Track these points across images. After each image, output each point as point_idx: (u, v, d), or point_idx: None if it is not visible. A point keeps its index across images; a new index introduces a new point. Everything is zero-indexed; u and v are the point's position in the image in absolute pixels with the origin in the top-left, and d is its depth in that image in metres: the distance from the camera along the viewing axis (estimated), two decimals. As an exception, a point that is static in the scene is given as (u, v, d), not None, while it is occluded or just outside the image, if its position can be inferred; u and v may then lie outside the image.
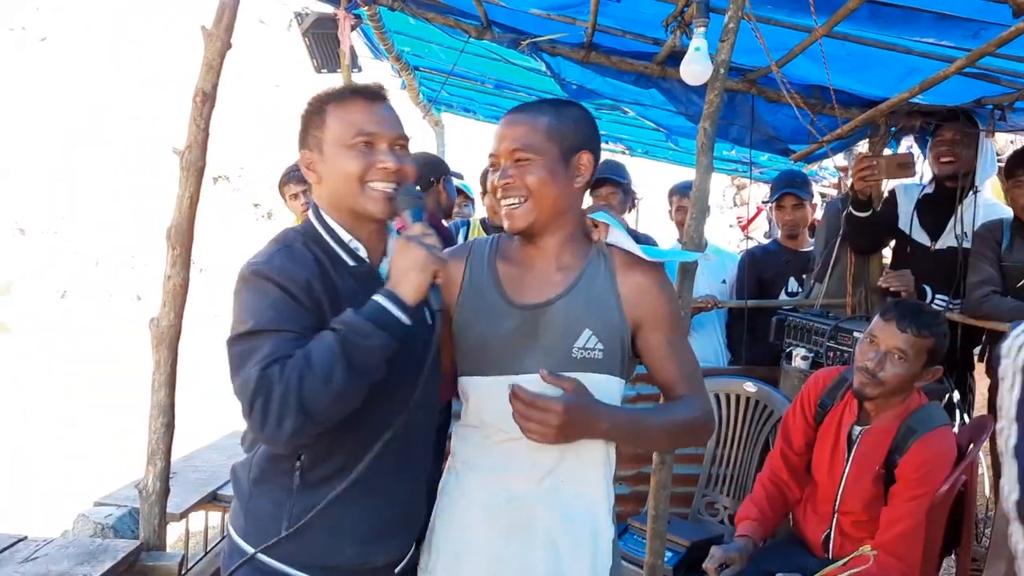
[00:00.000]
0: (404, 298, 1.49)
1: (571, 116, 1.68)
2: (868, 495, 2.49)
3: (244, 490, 1.68)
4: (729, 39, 2.18)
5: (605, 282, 1.66)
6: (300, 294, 1.53)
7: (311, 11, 4.09)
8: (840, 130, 3.52)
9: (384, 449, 1.61)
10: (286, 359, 1.45)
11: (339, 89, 1.70)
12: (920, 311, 2.52)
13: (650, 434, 1.66)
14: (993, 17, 2.47)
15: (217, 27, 2.17)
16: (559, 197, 1.64)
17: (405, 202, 1.62)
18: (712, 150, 2.22)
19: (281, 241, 1.64)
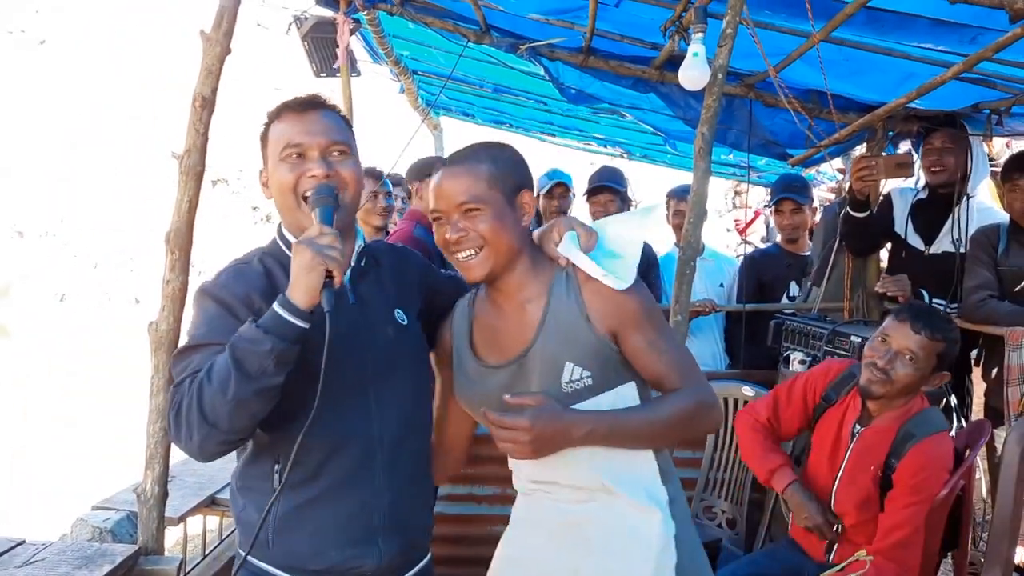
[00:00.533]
0: (295, 302, 1.47)
1: (507, 159, 1.69)
2: (862, 495, 2.48)
3: (237, 501, 1.72)
4: (727, 45, 2.19)
5: (571, 307, 1.65)
6: (238, 307, 1.58)
7: (310, 15, 4.10)
8: (838, 134, 3.54)
9: (361, 453, 1.64)
10: (198, 373, 1.51)
11: (278, 106, 1.73)
12: (934, 314, 2.52)
13: (640, 431, 1.65)
14: (990, 23, 2.48)
15: (216, 32, 2.18)
16: (512, 239, 1.65)
17: (316, 200, 1.61)
18: (710, 154, 2.22)
19: (238, 260, 1.72)
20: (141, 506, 2.28)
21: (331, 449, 1.62)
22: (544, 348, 1.64)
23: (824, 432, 2.66)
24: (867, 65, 3.24)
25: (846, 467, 2.55)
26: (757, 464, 2.74)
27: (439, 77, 5.40)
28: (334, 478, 1.63)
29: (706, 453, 3.53)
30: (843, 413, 2.63)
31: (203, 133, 2.20)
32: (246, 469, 1.70)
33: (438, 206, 1.65)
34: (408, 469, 1.74)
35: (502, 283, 1.69)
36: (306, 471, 1.61)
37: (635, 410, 1.67)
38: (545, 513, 1.74)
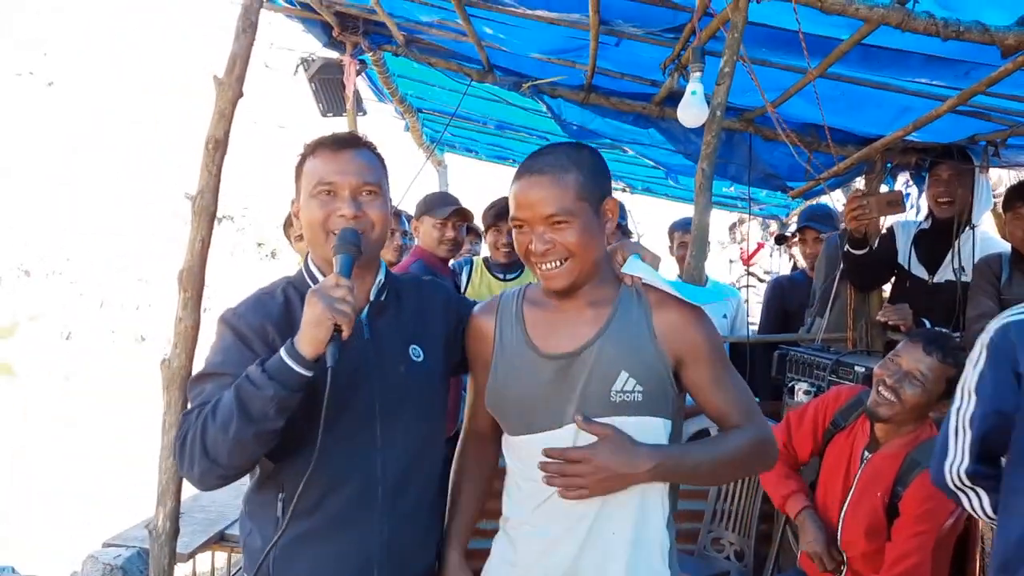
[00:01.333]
0: (301, 351, 1.49)
1: (593, 166, 1.64)
2: (869, 521, 2.49)
3: (245, 524, 1.75)
4: (725, 83, 2.24)
5: (639, 321, 1.64)
6: (252, 339, 1.62)
7: (317, 56, 4.19)
8: (836, 167, 3.59)
9: (361, 489, 1.66)
10: (206, 404, 1.55)
11: (314, 141, 1.76)
12: (948, 339, 2.53)
13: (701, 468, 1.63)
14: (982, 58, 2.54)
15: (229, 77, 2.23)
16: (597, 250, 1.63)
17: (338, 247, 1.62)
18: (710, 189, 2.27)
19: (262, 289, 1.76)
20: (153, 542, 2.29)
21: (332, 483, 1.64)
22: (603, 350, 1.62)
23: (833, 457, 2.68)
24: (864, 100, 3.30)
25: (854, 492, 2.56)
26: (772, 489, 2.77)
27: (443, 115, 5.50)
28: (334, 512, 1.66)
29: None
30: (852, 438, 2.65)
31: (215, 174, 2.24)
32: (253, 495, 1.74)
33: (521, 215, 1.61)
34: (410, 507, 1.74)
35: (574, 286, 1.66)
36: (307, 503, 1.63)
37: (700, 446, 1.68)
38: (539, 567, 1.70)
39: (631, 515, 1.65)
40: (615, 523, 1.65)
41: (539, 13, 2.95)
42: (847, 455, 2.63)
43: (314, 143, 1.75)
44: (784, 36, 2.69)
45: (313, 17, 3.83)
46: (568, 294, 1.66)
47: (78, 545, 4.03)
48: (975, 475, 1.84)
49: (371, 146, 1.78)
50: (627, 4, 2.76)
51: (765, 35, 2.78)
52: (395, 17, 3.64)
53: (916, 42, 2.58)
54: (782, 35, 2.72)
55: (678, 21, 2.86)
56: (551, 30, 3.16)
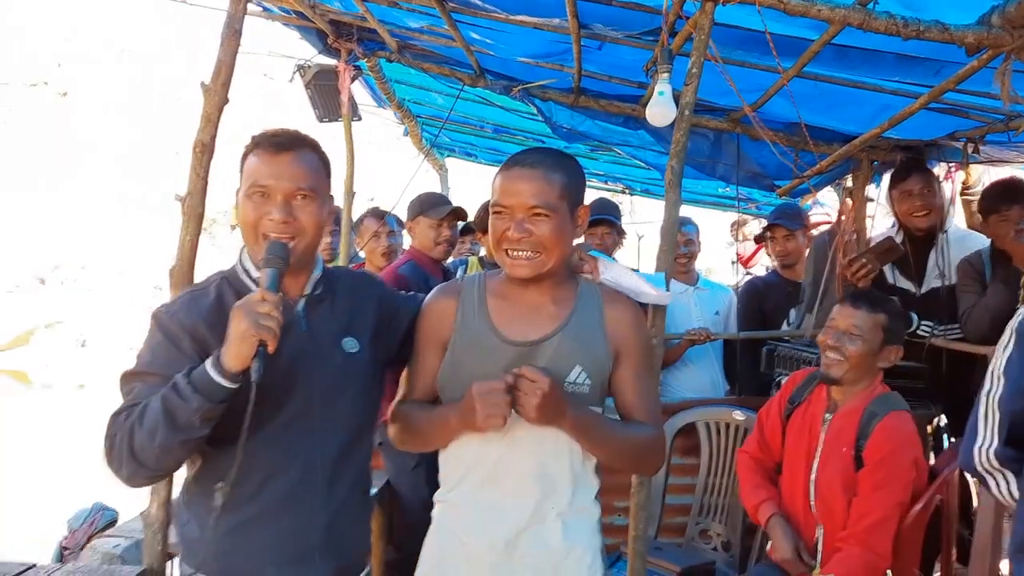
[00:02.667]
0: (225, 364, 1.52)
1: (577, 173, 1.79)
2: (842, 479, 2.59)
3: (182, 514, 1.79)
4: (692, 83, 2.32)
5: (594, 318, 1.77)
6: (183, 338, 1.64)
7: (313, 63, 4.28)
8: (819, 165, 3.65)
9: (300, 475, 1.71)
10: (135, 407, 1.58)
11: (257, 136, 1.77)
12: (871, 292, 2.79)
13: (609, 440, 1.74)
14: (951, 57, 2.60)
15: (215, 83, 2.33)
16: (567, 248, 1.75)
17: (264, 261, 1.64)
18: (680, 185, 2.34)
19: (195, 286, 1.79)
20: (146, 530, 2.38)
21: (271, 471, 1.69)
22: (562, 344, 1.74)
23: (795, 429, 2.79)
24: (844, 98, 3.36)
25: (821, 453, 2.67)
26: (746, 500, 2.91)
27: (440, 119, 5.58)
28: (273, 498, 1.70)
29: (700, 478, 3.60)
30: (810, 408, 2.78)
31: (203, 177, 2.34)
32: (191, 485, 1.77)
33: (506, 201, 1.70)
34: (346, 491, 1.81)
35: (537, 281, 1.77)
36: (246, 491, 1.68)
37: (613, 423, 1.78)
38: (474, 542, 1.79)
39: (567, 488, 1.78)
40: (556, 495, 1.76)
41: (520, 18, 3.03)
42: (807, 424, 2.76)
43: (255, 140, 1.76)
44: (759, 37, 2.75)
45: (308, 25, 3.93)
46: (530, 285, 1.77)
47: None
48: (1004, 458, 1.88)
49: (314, 146, 1.79)
50: (604, 8, 2.83)
51: (741, 37, 2.85)
52: (386, 24, 3.73)
53: (886, 42, 2.64)
54: (758, 36, 2.78)
55: (655, 24, 2.92)
56: (535, 34, 3.24)
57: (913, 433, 2.61)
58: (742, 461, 2.98)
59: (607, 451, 1.75)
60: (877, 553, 2.47)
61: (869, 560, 2.48)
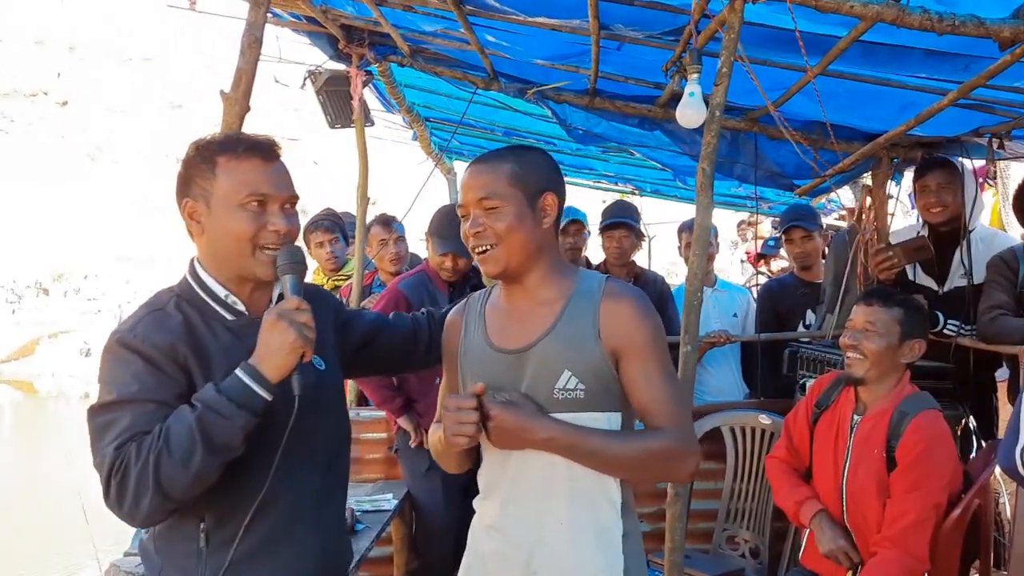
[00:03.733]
0: (267, 376, 1.47)
1: (532, 160, 1.71)
2: (876, 482, 2.53)
3: (154, 562, 1.63)
4: (723, 83, 2.27)
5: (586, 318, 1.66)
6: (164, 361, 1.52)
7: (324, 69, 4.24)
8: (841, 164, 3.60)
9: (289, 506, 1.62)
10: (143, 435, 1.44)
11: (232, 140, 1.65)
12: (883, 288, 2.80)
13: (598, 457, 1.63)
14: (981, 51, 2.55)
15: (235, 92, 2.29)
16: (528, 239, 1.66)
17: (284, 268, 1.58)
18: (711, 188, 2.30)
19: (151, 305, 1.63)
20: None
21: (260, 506, 1.56)
22: (547, 349, 1.65)
23: (823, 433, 2.75)
24: (867, 96, 3.31)
25: (852, 457, 2.62)
26: (784, 502, 2.83)
27: (450, 123, 5.54)
28: (263, 533, 1.59)
29: (726, 483, 3.55)
30: (838, 411, 2.74)
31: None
32: (163, 530, 1.61)
33: (462, 200, 1.69)
34: (334, 511, 1.76)
35: (521, 280, 1.71)
36: (233, 530, 1.56)
37: (604, 433, 1.64)
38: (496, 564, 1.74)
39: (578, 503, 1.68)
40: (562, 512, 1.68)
41: (540, 20, 2.99)
42: (836, 427, 2.71)
43: (235, 144, 1.63)
44: (784, 35, 2.71)
45: (319, 30, 3.89)
46: (513, 287, 1.73)
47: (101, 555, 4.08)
48: None
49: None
50: (626, 8, 2.79)
51: (765, 35, 2.81)
52: (399, 28, 3.69)
53: (914, 37, 2.60)
54: (782, 35, 2.74)
55: (677, 23, 2.88)
56: (552, 36, 3.19)
57: (946, 432, 2.56)
58: (773, 466, 2.93)
59: (602, 464, 1.64)
60: (914, 556, 2.42)
61: (907, 564, 2.43)
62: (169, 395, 1.50)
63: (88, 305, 22.45)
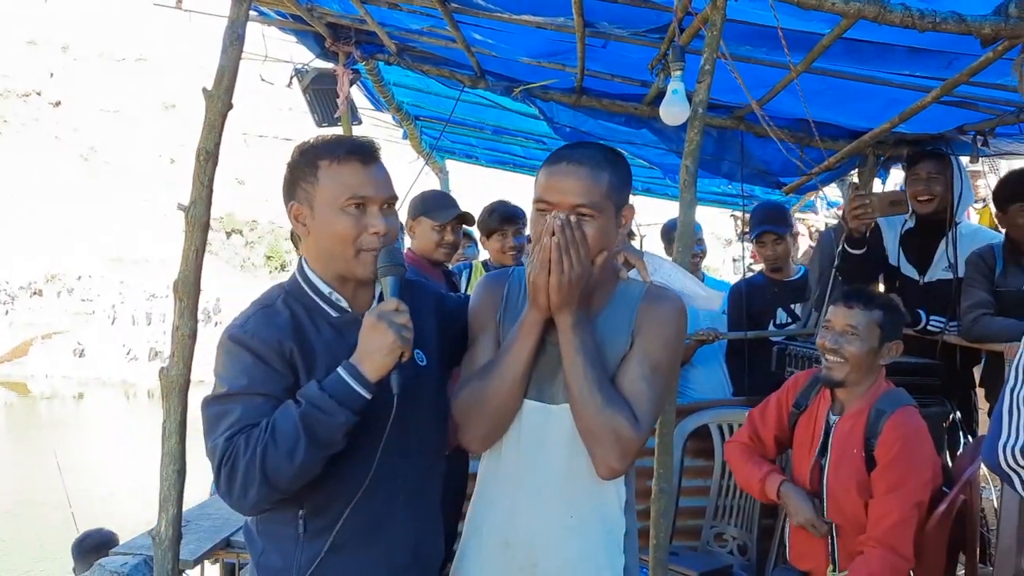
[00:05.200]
0: (367, 376, 1.51)
1: (625, 171, 1.70)
2: (856, 482, 2.53)
3: (256, 544, 1.71)
4: (705, 80, 2.28)
5: (624, 318, 1.69)
6: (272, 357, 1.58)
7: (311, 67, 4.23)
8: (827, 162, 3.61)
9: (385, 497, 1.66)
10: (252, 428, 1.52)
11: (333, 143, 1.68)
12: (863, 290, 2.71)
13: (588, 371, 1.63)
14: (964, 48, 2.56)
15: (217, 88, 2.29)
16: (611, 247, 1.68)
17: (384, 270, 1.62)
18: (695, 185, 2.30)
19: (261, 302, 1.69)
20: (156, 548, 2.34)
21: (355, 495, 1.61)
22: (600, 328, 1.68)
23: (802, 434, 2.74)
24: (851, 94, 3.33)
25: (831, 456, 2.61)
26: (747, 478, 2.83)
27: (440, 121, 5.54)
28: (358, 524, 1.63)
29: (714, 481, 3.56)
30: (816, 412, 2.72)
31: (207, 185, 2.30)
32: (267, 513, 1.67)
33: (549, 198, 1.63)
34: (427, 507, 1.77)
35: None
36: (330, 519, 1.62)
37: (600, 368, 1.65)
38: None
39: (589, 503, 1.69)
40: (573, 509, 1.69)
41: (525, 18, 2.99)
42: (814, 427, 2.70)
43: (336, 147, 1.67)
44: (768, 33, 2.72)
45: (305, 29, 3.88)
46: None
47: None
48: None
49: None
50: (611, 6, 2.80)
51: (749, 32, 2.82)
52: (385, 26, 3.69)
53: (897, 35, 2.61)
54: (766, 32, 2.75)
55: (662, 21, 2.89)
56: (538, 34, 3.20)
57: (923, 427, 2.57)
58: (732, 449, 2.91)
59: (579, 381, 1.63)
60: (899, 554, 2.43)
61: (892, 562, 2.43)
62: (277, 388, 1.57)
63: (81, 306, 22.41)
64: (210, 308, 20.94)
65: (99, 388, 19.50)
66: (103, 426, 14.58)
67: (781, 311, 4.26)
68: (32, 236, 22.49)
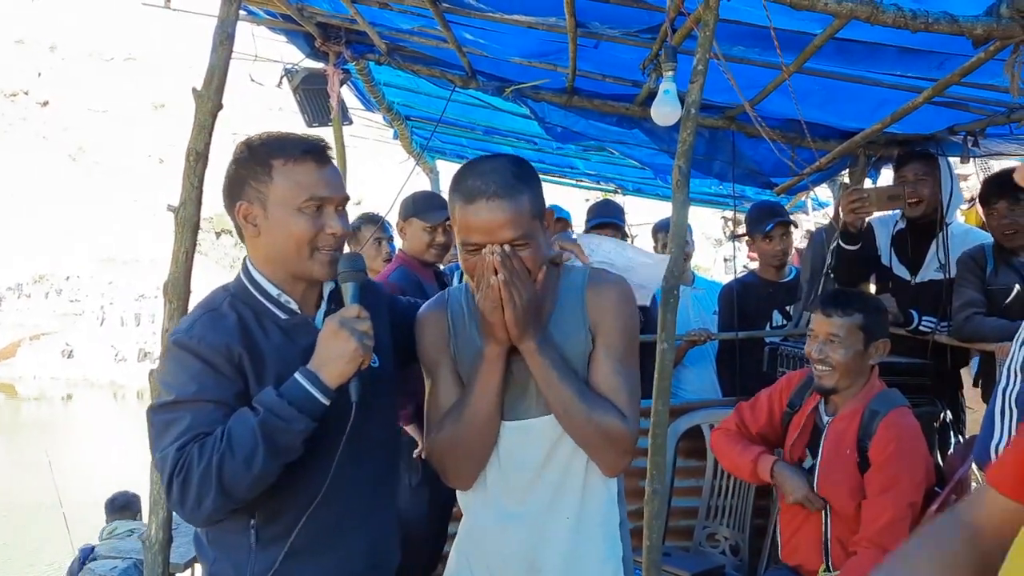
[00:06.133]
0: (327, 383, 1.51)
1: (533, 177, 1.66)
2: (848, 483, 2.54)
3: (208, 554, 1.69)
4: (698, 81, 2.27)
5: (575, 309, 1.70)
6: (220, 362, 1.55)
7: (300, 67, 4.20)
8: (818, 163, 3.61)
9: (341, 505, 1.64)
10: (205, 436, 1.48)
11: (286, 142, 1.65)
12: (842, 294, 2.71)
13: (564, 387, 1.63)
14: (955, 49, 2.57)
15: (207, 89, 2.27)
16: (545, 260, 1.66)
17: (346, 276, 1.61)
18: (687, 186, 2.29)
19: (206, 306, 1.66)
20: (146, 551, 2.32)
21: (309, 503, 1.59)
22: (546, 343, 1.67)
23: (794, 434, 2.75)
24: (842, 94, 3.33)
25: (822, 457, 2.62)
26: (736, 462, 2.84)
27: (431, 122, 5.52)
28: (313, 532, 1.61)
29: (706, 481, 3.55)
30: (807, 410, 2.74)
31: (197, 186, 2.28)
32: (217, 523, 1.63)
33: (477, 239, 1.58)
34: (382, 511, 1.76)
35: None
36: (284, 527, 1.60)
37: (577, 378, 1.66)
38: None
39: (586, 498, 1.71)
40: (573, 506, 1.70)
41: (516, 17, 2.98)
42: (806, 427, 2.72)
43: (290, 146, 1.63)
44: (760, 33, 2.72)
45: (295, 28, 3.86)
46: None
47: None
48: None
49: None
50: (602, 6, 2.79)
51: (741, 32, 2.81)
52: (376, 26, 3.67)
53: (889, 35, 2.61)
54: (758, 32, 2.74)
55: (654, 21, 2.88)
56: (529, 34, 3.19)
57: (916, 427, 2.58)
58: (719, 436, 2.92)
59: (560, 398, 1.63)
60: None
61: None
62: (227, 395, 1.54)
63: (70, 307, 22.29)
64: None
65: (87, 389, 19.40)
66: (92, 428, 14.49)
67: (776, 313, 4.25)
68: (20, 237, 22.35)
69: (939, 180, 3.44)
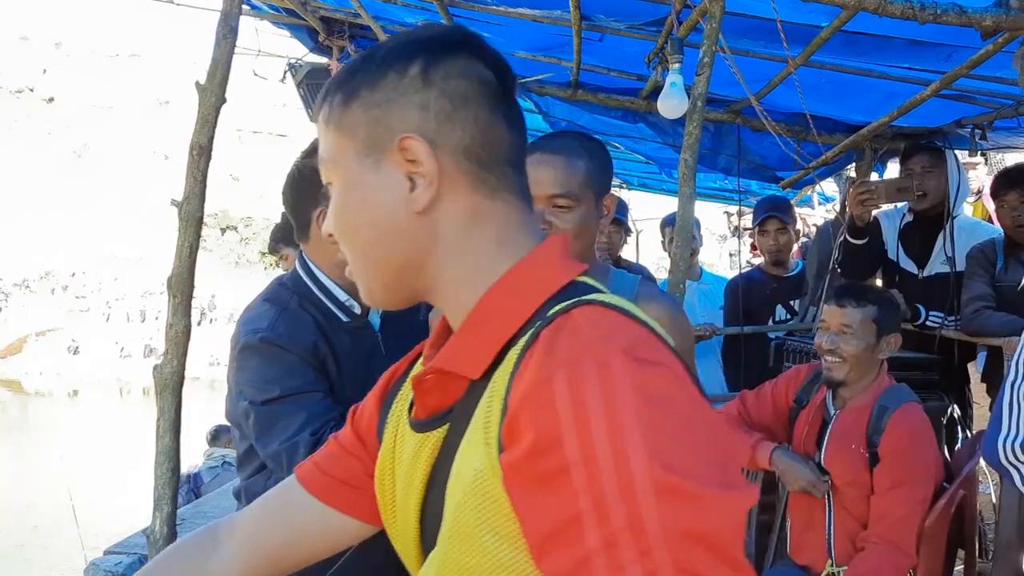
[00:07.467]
0: None
1: (604, 159, 1.65)
2: (853, 479, 2.51)
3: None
4: (705, 73, 2.26)
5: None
6: (310, 359, 1.56)
7: (305, 62, 4.20)
8: (824, 156, 3.59)
9: None
10: (335, 421, 1.46)
11: None
12: (855, 286, 2.70)
13: None
14: (963, 41, 2.55)
15: (211, 82, 2.26)
16: (592, 238, 1.63)
17: None
18: (694, 180, 2.28)
19: (276, 303, 1.64)
20: (151, 547, 2.31)
21: None
22: None
23: (801, 428, 2.71)
24: (849, 87, 3.31)
25: (827, 450, 2.57)
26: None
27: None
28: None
29: (712, 476, 3.54)
30: (815, 404, 2.69)
31: (201, 180, 2.27)
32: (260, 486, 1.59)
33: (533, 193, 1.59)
34: None
35: None
36: None
37: None
38: None
39: None
40: None
41: (521, 11, 2.97)
42: (812, 420, 2.67)
43: None
44: (766, 25, 2.70)
45: (298, 23, 3.85)
46: None
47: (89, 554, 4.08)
48: None
49: None
50: (607, -1, 2.77)
51: (747, 25, 2.80)
52: (380, 20, 3.66)
53: (897, 27, 2.59)
54: (764, 24, 2.73)
55: (659, 14, 2.87)
56: (534, 27, 3.17)
57: (927, 423, 2.55)
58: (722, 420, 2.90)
59: None
60: (902, 551, 2.41)
61: (895, 558, 2.41)
62: (325, 388, 1.54)
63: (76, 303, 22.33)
64: (204, 305, 20.90)
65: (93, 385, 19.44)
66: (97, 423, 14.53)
67: (780, 308, 4.23)
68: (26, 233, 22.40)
69: (946, 173, 3.41)
